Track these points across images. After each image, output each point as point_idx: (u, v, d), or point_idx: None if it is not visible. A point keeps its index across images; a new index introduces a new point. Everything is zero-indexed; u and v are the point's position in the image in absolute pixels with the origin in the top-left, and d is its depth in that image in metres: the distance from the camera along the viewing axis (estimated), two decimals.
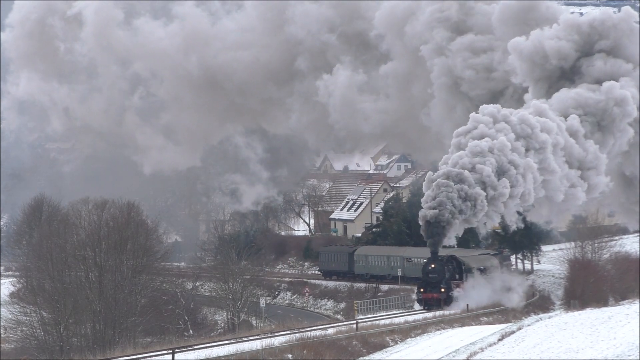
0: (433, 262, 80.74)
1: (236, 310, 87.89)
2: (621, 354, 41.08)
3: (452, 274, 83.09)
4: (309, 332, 62.56)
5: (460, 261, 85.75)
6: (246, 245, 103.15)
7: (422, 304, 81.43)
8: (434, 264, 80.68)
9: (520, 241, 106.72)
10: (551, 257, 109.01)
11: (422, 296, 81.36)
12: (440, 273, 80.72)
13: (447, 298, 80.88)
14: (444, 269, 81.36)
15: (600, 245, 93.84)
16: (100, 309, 74.26)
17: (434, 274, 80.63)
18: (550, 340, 46.45)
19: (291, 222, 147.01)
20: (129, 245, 77.86)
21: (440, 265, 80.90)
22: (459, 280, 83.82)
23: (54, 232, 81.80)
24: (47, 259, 77.36)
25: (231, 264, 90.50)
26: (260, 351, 53.00)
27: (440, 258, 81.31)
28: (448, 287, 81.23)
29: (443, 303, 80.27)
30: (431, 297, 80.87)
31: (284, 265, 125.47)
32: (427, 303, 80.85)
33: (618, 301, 78.40)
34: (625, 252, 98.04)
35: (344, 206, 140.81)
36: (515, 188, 76.26)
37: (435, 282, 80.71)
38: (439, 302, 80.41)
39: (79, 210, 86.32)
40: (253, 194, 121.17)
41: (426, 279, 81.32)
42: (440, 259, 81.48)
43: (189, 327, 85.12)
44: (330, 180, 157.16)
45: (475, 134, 78.00)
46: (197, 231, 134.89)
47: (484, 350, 48.05)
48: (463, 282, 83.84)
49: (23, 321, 76.52)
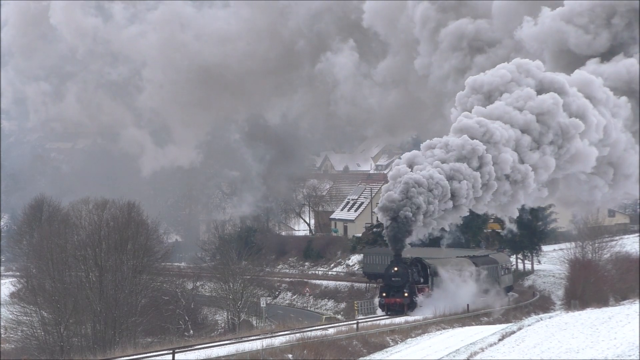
0: (396, 265, 76.46)
1: (236, 310, 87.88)
2: (621, 354, 41.06)
3: (416, 278, 78.42)
4: (310, 332, 62.59)
5: (425, 264, 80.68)
6: (246, 245, 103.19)
7: (384, 309, 76.89)
8: (397, 267, 76.40)
9: (521, 241, 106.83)
10: (551, 257, 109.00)
11: (385, 301, 76.81)
12: (404, 277, 76.32)
13: (411, 303, 76.60)
14: (407, 272, 76.93)
15: (601, 245, 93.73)
16: (100, 309, 74.26)
17: (397, 278, 76.21)
18: (551, 340, 46.43)
19: (291, 222, 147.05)
20: (129, 245, 77.88)
21: (403, 269, 76.63)
22: (424, 284, 79.29)
23: (55, 232, 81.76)
24: (48, 259, 77.36)
25: (231, 264, 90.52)
26: (260, 351, 52.98)
27: (404, 261, 76.95)
28: (412, 291, 76.82)
29: (406, 308, 76.03)
30: (394, 302, 76.39)
31: (284, 265, 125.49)
32: (389, 308, 76.43)
33: (618, 301, 78.26)
34: (625, 252, 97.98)
35: (344, 206, 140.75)
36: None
37: (399, 286, 76.37)
38: (402, 307, 76.08)
39: (80, 210, 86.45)
40: (251, 198, 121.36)
41: (389, 283, 76.79)
42: (404, 262, 77.08)
43: (190, 327, 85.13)
44: (331, 181, 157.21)
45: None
46: (198, 231, 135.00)
47: (484, 350, 48.04)
48: (428, 286, 79.29)
49: (23, 321, 76.54)
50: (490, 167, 74.74)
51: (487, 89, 79.04)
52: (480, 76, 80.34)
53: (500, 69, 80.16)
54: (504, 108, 77.24)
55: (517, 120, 76.80)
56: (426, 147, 75.95)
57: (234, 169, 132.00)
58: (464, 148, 74.35)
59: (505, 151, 75.51)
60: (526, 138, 76.98)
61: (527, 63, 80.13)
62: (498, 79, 79.24)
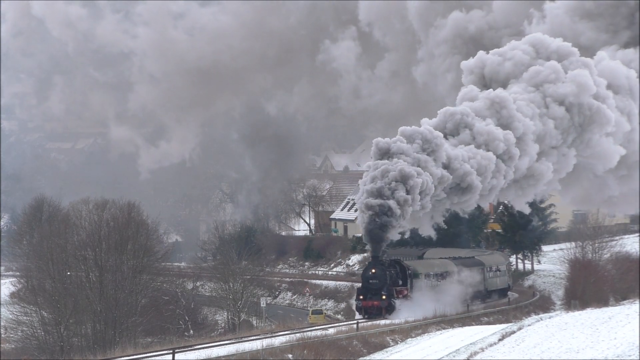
0: (374, 267, 73.47)
1: (236, 310, 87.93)
2: (622, 354, 41.06)
3: (394, 280, 75.42)
4: (310, 332, 62.61)
5: (404, 266, 77.63)
6: (246, 245, 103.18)
7: (361, 313, 73.96)
8: (375, 269, 73.39)
9: (521, 241, 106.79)
10: (552, 257, 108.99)
11: (362, 304, 73.78)
12: (382, 279, 73.36)
13: (389, 306, 73.57)
14: (385, 274, 73.90)
15: (601, 245, 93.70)
16: (100, 309, 74.32)
17: (375, 280, 73.32)
18: (551, 340, 46.43)
19: (292, 222, 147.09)
20: (129, 245, 77.94)
21: (381, 270, 73.62)
22: (403, 286, 76.30)
23: (55, 232, 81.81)
24: (48, 259, 77.42)
25: (231, 264, 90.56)
26: (260, 351, 52.98)
27: (382, 262, 74.04)
28: (390, 294, 73.82)
29: (384, 312, 73.11)
30: (371, 304, 73.47)
31: (284, 265, 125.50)
32: (367, 312, 73.53)
33: (618, 301, 78.17)
34: (625, 252, 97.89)
35: (344, 206, 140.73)
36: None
37: (376, 289, 73.43)
38: (380, 310, 73.27)
39: (80, 210, 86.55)
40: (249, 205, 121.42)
41: (366, 285, 73.79)
42: (382, 263, 74.07)
43: (190, 327, 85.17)
44: (331, 181, 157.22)
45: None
46: (198, 231, 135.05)
47: (484, 350, 48.03)
48: (407, 288, 76.53)
49: (23, 321, 76.59)
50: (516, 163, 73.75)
51: (503, 76, 77.23)
52: (491, 58, 77.69)
53: (513, 48, 77.50)
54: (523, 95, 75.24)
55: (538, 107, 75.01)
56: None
57: (232, 169, 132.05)
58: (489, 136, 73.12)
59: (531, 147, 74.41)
60: (550, 125, 75.70)
61: (544, 39, 77.57)
62: (510, 65, 77.29)
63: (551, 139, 76.15)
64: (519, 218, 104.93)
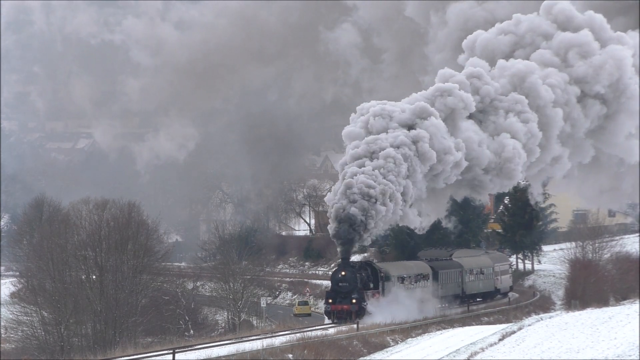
0: (344, 269, 70.79)
1: (237, 310, 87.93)
2: (622, 354, 41.09)
3: (365, 283, 72.73)
4: (310, 332, 62.64)
5: (376, 268, 74.98)
6: (247, 245, 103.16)
7: (330, 317, 71.33)
8: (345, 271, 70.68)
9: (521, 241, 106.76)
10: (552, 257, 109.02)
11: (331, 308, 71.04)
12: (352, 282, 70.61)
13: (359, 310, 70.67)
14: (356, 277, 71.15)
15: (601, 245, 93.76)
16: (101, 309, 74.34)
17: (345, 283, 70.55)
18: (551, 340, 46.45)
19: (292, 222, 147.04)
20: (129, 245, 77.96)
21: (351, 273, 70.91)
22: (374, 289, 73.57)
23: (55, 232, 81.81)
24: (48, 259, 77.43)
25: (232, 264, 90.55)
26: (261, 351, 53.02)
27: (352, 264, 72.17)
28: (360, 297, 70.95)
29: (354, 316, 70.02)
30: (341, 308, 70.68)
31: (284, 265, 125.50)
32: (336, 316, 70.80)
33: (619, 301, 78.22)
34: (625, 252, 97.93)
35: None
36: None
37: (346, 292, 70.60)
38: (349, 314, 70.38)
39: (80, 210, 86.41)
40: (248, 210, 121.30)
41: (336, 289, 71.04)
42: (352, 266, 72.00)
43: (190, 327, 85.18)
44: (331, 181, 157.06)
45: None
46: (198, 231, 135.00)
47: (484, 350, 48.06)
48: (379, 292, 73.76)
49: (24, 321, 76.61)
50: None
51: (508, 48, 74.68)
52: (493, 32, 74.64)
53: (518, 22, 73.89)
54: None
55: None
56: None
57: (232, 169, 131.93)
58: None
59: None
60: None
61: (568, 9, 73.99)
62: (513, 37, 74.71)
63: (573, 126, 73.88)
64: (520, 218, 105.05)
